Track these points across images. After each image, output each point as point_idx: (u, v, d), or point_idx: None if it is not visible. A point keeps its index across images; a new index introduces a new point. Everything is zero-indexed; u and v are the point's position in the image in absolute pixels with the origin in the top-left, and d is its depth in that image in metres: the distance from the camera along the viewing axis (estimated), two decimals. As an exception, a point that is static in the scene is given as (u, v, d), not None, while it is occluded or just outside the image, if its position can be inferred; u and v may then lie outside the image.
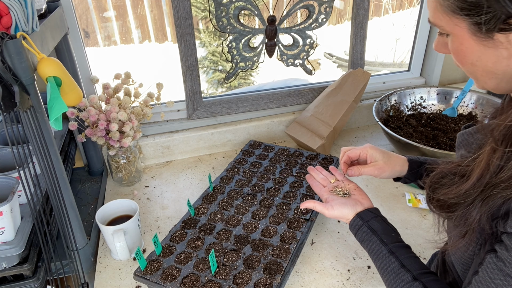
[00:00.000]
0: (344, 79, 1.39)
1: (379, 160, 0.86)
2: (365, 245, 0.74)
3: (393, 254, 0.68)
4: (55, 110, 0.68)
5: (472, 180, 0.52)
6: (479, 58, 0.52)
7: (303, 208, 0.84)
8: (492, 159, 0.49)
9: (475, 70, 0.54)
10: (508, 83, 0.53)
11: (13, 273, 0.80)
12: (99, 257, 1.00)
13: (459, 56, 0.55)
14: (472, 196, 0.52)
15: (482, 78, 0.55)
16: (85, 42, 1.24)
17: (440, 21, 0.54)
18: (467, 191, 0.52)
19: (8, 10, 0.67)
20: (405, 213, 1.09)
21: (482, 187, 0.51)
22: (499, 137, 0.49)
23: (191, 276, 0.84)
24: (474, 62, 0.53)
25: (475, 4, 0.48)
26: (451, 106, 1.46)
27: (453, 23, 0.52)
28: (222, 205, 1.05)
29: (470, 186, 0.52)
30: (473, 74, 0.56)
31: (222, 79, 3.61)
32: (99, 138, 1.11)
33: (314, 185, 0.89)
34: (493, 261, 0.52)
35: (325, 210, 0.80)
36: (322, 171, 0.93)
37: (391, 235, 0.72)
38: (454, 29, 0.52)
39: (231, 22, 1.28)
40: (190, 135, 1.37)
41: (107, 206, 1.01)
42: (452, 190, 0.55)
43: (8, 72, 0.65)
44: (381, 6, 4.39)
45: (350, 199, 0.80)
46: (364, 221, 0.75)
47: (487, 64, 0.52)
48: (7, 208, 0.75)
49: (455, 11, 0.50)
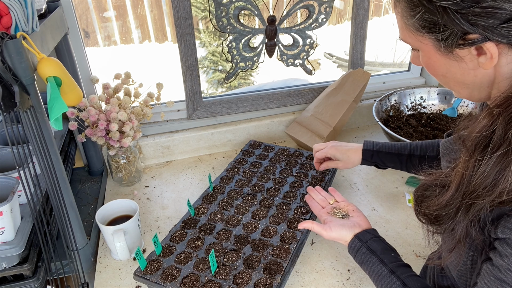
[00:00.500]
0: (344, 79, 1.39)
1: (339, 159, 1.04)
2: (365, 266, 0.74)
3: (394, 274, 0.68)
4: (55, 110, 0.68)
5: (452, 190, 0.52)
6: (448, 71, 0.55)
7: (301, 228, 0.86)
8: (466, 168, 0.50)
9: (447, 81, 0.57)
10: (481, 92, 0.55)
11: (13, 273, 0.80)
12: (99, 257, 1.00)
13: (430, 69, 0.58)
14: (454, 206, 0.52)
15: (455, 88, 0.58)
16: (85, 42, 1.24)
17: (407, 39, 0.57)
18: (449, 202, 0.53)
19: (8, 10, 0.67)
20: (405, 213, 1.09)
21: (461, 197, 0.51)
22: (471, 147, 0.50)
23: (191, 276, 0.84)
24: (445, 74, 0.56)
25: (434, 23, 0.50)
26: (451, 106, 1.46)
27: (418, 41, 0.55)
28: (222, 205, 1.05)
29: (450, 197, 0.53)
30: (447, 84, 0.58)
31: (222, 79, 3.61)
32: (99, 138, 1.11)
33: (313, 206, 0.92)
34: (490, 270, 0.52)
35: (323, 232, 0.81)
36: (321, 192, 0.95)
37: (391, 255, 0.72)
38: (421, 46, 0.55)
39: (231, 22, 1.28)
40: (190, 135, 1.37)
41: (107, 206, 1.01)
42: (435, 202, 0.55)
43: (8, 72, 0.65)
44: (381, 6, 4.39)
45: (349, 221, 0.81)
46: (362, 242, 0.75)
47: (456, 76, 0.54)
48: (7, 208, 0.75)
49: (419, 30, 0.53)
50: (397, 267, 0.69)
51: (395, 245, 0.98)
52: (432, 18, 0.50)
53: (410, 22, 0.54)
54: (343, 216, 0.84)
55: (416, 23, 0.53)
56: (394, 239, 1.01)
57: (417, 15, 0.52)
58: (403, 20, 0.55)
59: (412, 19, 0.53)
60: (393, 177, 1.24)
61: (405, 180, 1.22)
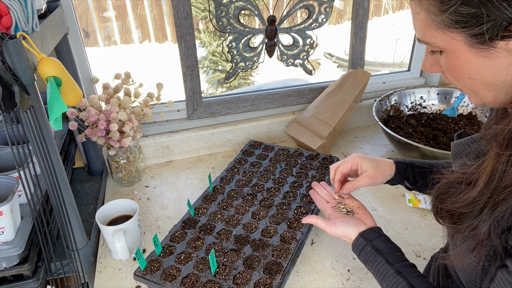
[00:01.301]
0: (344, 79, 1.39)
1: (369, 169, 0.85)
2: (369, 265, 0.73)
3: (400, 274, 0.67)
4: (55, 110, 0.68)
5: (479, 187, 0.50)
6: (477, 71, 0.51)
7: (305, 222, 0.83)
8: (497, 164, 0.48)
9: (473, 84, 0.53)
10: (508, 94, 0.52)
11: (13, 273, 0.80)
12: (99, 257, 1.00)
13: (456, 71, 0.53)
14: (480, 204, 0.51)
15: (481, 92, 0.53)
16: (85, 42, 1.24)
17: (432, 38, 0.52)
18: (476, 198, 0.51)
19: (8, 10, 0.67)
20: (405, 213, 1.09)
21: (490, 193, 0.49)
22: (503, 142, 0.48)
23: (191, 276, 0.84)
24: (472, 76, 0.52)
25: (472, 15, 0.46)
26: (451, 106, 1.46)
27: (448, 38, 0.50)
28: (222, 205, 1.05)
29: (478, 193, 0.51)
30: (471, 88, 0.54)
31: (222, 79, 3.61)
32: (99, 138, 1.11)
33: (317, 200, 0.89)
34: (505, 277, 0.51)
35: (328, 228, 0.79)
36: (326, 187, 0.93)
37: (396, 255, 0.71)
38: (449, 45, 0.51)
39: (231, 22, 1.28)
40: (190, 135, 1.37)
41: (107, 206, 1.01)
42: (460, 199, 0.53)
43: (8, 72, 0.65)
44: (381, 6, 4.39)
45: (354, 218, 0.79)
46: (367, 241, 0.74)
47: (485, 76, 0.51)
48: (7, 208, 0.75)
49: (450, 25, 0.49)
50: (403, 267, 0.68)
51: (395, 245, 0.99)
52: (469, 10, 0.46)
53: (440, 18, 0.49)
54: (348, 212, 0.82)
55: (447, 18, 0.48)
56: (394, 239, 1.00)
57: (450, 9, 0.47)
58: (429, 17, 0.50)
59: (443, 14, 0.48)
60: (393, 177, 1.24)
61: (405, 180, 1.22)
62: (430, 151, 1.11)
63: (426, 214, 1.09)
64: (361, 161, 0.86)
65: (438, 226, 0.62)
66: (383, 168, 0.85)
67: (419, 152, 1.16)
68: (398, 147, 1.27)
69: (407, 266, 0.69)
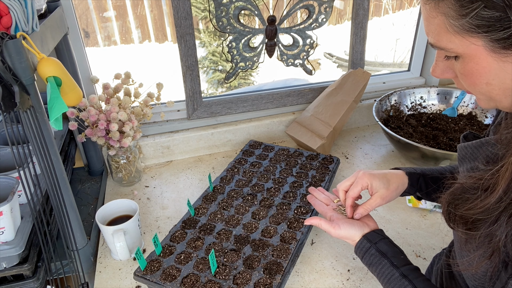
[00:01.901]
0: (344, 79, 1.39)
1: (381, 189, 0.79)
2: (373, 268, 0.72)
3: (406, 277, 0.67)
4: (55, 110, 0.68)
5: (498, 193, 0.49)
6: (496, 76, 0.48)
7: (308, 224, 0.82)
8: None
9: (490, 89, 0.50)
10: None
11: (13, 273, 0.80)
12: (99, 257, 1.00)
13: (473, 77, 0.50)
14: (498, 211, 0.49)
15: (497, 97, 0.51)
16: (85, 42, 1.24)
17: (449, 44, 0.49)
18: (493, 205, 0.49)
19: (8, 10, 0.67)
20: (405, 213, 1.09)
21: (509, 200, 0.48)
22: None
23: (191, 276, 0.84)
24: (490, 81, 0.49)
25: (497, 19, 0.44)
26: (451, 106, 1.46)
27: (467, 43, 0.47)
28: (222, 205, 1.05)
29: (497, 199, 0.49)
30: (487, 94, 0.51)
31: (222, 79, 3.61)
32: (99, 138, 1.11)
33: (316, 204, 0.88)
34: None
35: (332, 229, 0.77)
36: (324, 192, 0.92)
37: (401, 258, 0.71)
38: (468, 50, 0.48)
39: (231, 22, 1.28)
40: (190, 135, 1.37)
41: (107, 206, 1.01)
42: (477, 205, 0.51)
43: (8, 72, 0.65)
44: (381, 6, 4.39)
45: (357, 221, 0.78)
46: (372, 243, 0.73)
47: (505, 81, 0.48)
48: (7, 208, 0.75)
49: (471, 30, 0.46)
50: (408, 271, 0.68)
51: (395, 245, 0.99)
52: (493, 14, 0.43)
53: (460, 23, 0.46)
54: None
55: (468, 22, 0.45)
56: (394, 239, 1.00)
57: (471, 13, 0.45)
58: (447, 21, 0.48)
59: (464, 18, 0.46)
60: (393, 177, 1.24)
61: (405, 180, 1.22)
62: (430, 151, 1.11)
63: (426, 214, 1.09)
64: (371, 181, 0.79)
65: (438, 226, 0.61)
66: (395, 185, 0.81)
67: (419, 152, 1.16)
68: (398, 147, 1.27)
69: (412, 270, 0.68)
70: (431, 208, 1.09)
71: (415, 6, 4.24)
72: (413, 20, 1.57)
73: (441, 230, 1.02)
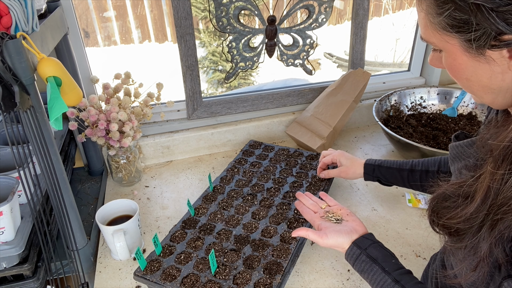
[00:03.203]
0: (344, 79, 1.39)
1: (344, 165, 1.06)
2: (365, 275, 0.71)
3: (398, 283, 0.66)
4: (55, 110, 0.68)
5: (477, 202, 0.49)
6: (473, 73, 0.51)
7: (295, 235, 0.81)
8: (493, 180, 0.47)
9: (470, 85, 0.54)
10: (505, 98, 0.52)
11: (13, 273, 0.80)
12: (99, 257, 1.00)
13: (453, 71, 0.54)
14: (478, 220, 0.49)
15: (478, 93, 0.54)
16: (85, 42, 1.24)
17: (431, 38, 0.53)
18: (473, 214, 0.50)
19: (8, 10, 0.67)
20: (405, 213, 1.09)
21: (487, 210, 0.48)
22: (499, 158, 0.47)
23: (191, 276, 0.84)
24: (469, 77, 0.52)
25: (464, 21, 0.47)
26: (451, 106, 1.46)
27: (444, 40, 0.51)
28: (222, 205, 1.05)
29: (475, 209, 0.49)
30: (469, 88, 0.55)
31: (222, 79, 3.61)
32: (99, 138, 1.11)
33: (304, 211, 0.87)
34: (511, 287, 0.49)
35: (319, 239, 0.77)
36: (311, 197, 0.92)
37: (392, 262, 0.70)
38: (446, 46, 0.52)
39: (231, 22, 1.28)
40: (190, 135, 1.37)
41: (107, 206, 1.01)
42: (457, 214, 0.52)
43: (8, 72, 0.65)
44: (381, 6, 4.39)
45: (345, 227, 0.77)
46: (361, 249, 0.72)
47: (481, 79, 0.51)
48: (7, 208, 0.75)
49: (445, 29, 0.49)
50: (400, 275, 0.67)
51: (395, 245, 0.98)
52: (462, 16, 0.46)
53: (436, 21, 0.50)
54: (337, 220, 0.81)
55: (443, 21, 0.49)
56: (394, 239, 1.01)
57: (445, 13, 0.48)
58: (427, 18, 0.51)
59: (439, 17, 0.49)
60: (393, 177, 1.24)
61: (405, 180, 1.22)
62: (430, 151, 1.11)
63: (426, 214, 1.09)
64: (340, 157, 1.08)
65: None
66: (355, 167, 1.05)
67: (419, 152, 1.16)
68: (398, 147, 1.27)
69: (404, 274, 0.68)
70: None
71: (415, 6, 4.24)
72: (413, 20, 1.58)
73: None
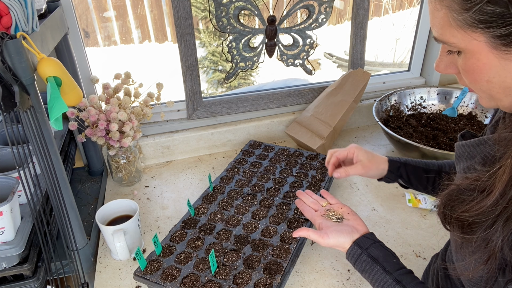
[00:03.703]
0: (344, 79, 1.39)
1: (364, 159, 0.88)
2: (366, 275, 0.71)
3: (400, 283, 0.66)
4: (55, 110, 0.68)
5: (495, 196, 0.48)
6: (497, 74, 0.48)
7: (296, 236, 0.80)
8: None
9: (490, 87, 0.50)
10: None
11: (13, 273, 0.80)
12: (99, 257, 1.00)
13: (474, 74, 0.50)
14: (494, 214, 0.48)
15: (497, 96, 0.50)
16: (85, 42, 1.24)
17: (452, 38, 0.49)
18: (489, 208, 0.49)
19: (8, 10, 0.67)
20: (405, 213, 1.09)
21: (506, 203, 0.47)
22: None
23: (191, 276, 0.84)
24: (491, 79, 0.49)
25: (498, 15, 0.43)
26: (451, 106, 1.46)
27: (469, 38, 0.47)
28: (222, 205, 1.05)
29: (493, 202, 0.48)
30: (488, 91, 0.51)
31: (222, 79, 3.61)
32: (99, 138, 1.11)
33: (305, 210, 0.85)
34: None
35: (320, 239, 0.75)
36: (312, 195, 0.89)
37: (393, 262, 0.70)
38: (470, 45, 0.48)
39: (231, 22, 1.28)
40: (190, 135, 1.37)
41: (107, 206, 1.01)
42: (473, 207, 0.50)
43: (8, 72, 0.65)
44: (381, 6, 4.39)
45: (346, 226, 0.77)
46: (362, 249, 0.72)
47: (505, 80, 0.48)
48: (7, 208, 0.75)
49: (473, 25, 0.46)
50: (401, 275, 0.67)
51: (395, 245, 0.98)
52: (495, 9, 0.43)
53: (462, 17, 0.46)
54: (338, 219, 0.80)
55: (471, 17, 0.45)
56: (394, 239, 1.01)
57: (474, 8, 0.45)
58: (450, 15, 0.47)
59: (466, 12, 0.45)
60: (393, 177, 1.24)
61: (405, 180, 1.22)
62: (430, 151, 1.11)
63: (426, 214, 1.09)
64: (357, 150, 0.90)
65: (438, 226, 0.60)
66: (378, 162, 0.89)
67: (419, 152, 1.16)
68: (398, 147, 1.27)
69: (406, 274, 0.68)
70: (431, 208, 1.09)
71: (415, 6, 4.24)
72: (413, 20, 1.57)
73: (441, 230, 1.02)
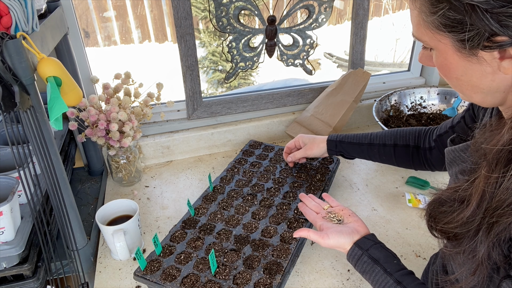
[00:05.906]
0: (344, 79, 1.39)
1: (307, 142, 1.10)
2: (367, 276, 0.71)
3: (400, 284, 0.66)
4: (55, 110, 0.68)
5: (472, 206, 0.49)
6: (464, 73, 0.52)
7: (296, 236, 0.81)
8: (488, 183, 0.47)
9: (460, 84, 0.54)
10: (494, 98, 0.52)
11: (13, 273, 0.80)
12: (99, 257, 1.00)
13: (444, 70, 0.54)
14: (475, 224, 0.49)
15: (467, 92, 0.54)
16: (85, 42, 1.24)
17: (423, 36, 0.53)
18: (469, 218, 0.50)
19: (8, 10, 0.67)
20: (405, 213, 1.09)
21: (483, 214, 0.48)
22: (492, 162, 0.47)
23: (191, 276, 0.84)
24: (459, 77, 0.53)
25: (458, 21, 0.47)
26: (451, 106, 1.46)
27: (436, 39, 0.51)
28: (222, 205, 1.05)
29: (471, 213, 0.49)
30: (459, 88, 0.55)
31: (222, 79, 3.61)
32: (99, 138, 1.11)
33: (307, 213, 0.88)
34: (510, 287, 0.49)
35: (320, 239, 0.77)
36: (314, 199, 0.92)
37: (393, 263, 0.70)
38: (438, 45, 0.52)
39: (231, 22, 1.28)
40: (190, 135, 1.37)
41: (107, 206, 1.01)
42: (454, 218, 0.52)
43: (8, 72, 0.65)
44: (381, 6, 4.39)
45: (347, 227, 0.77)
46: (363, 250, 0.72)
47: (471, 79, 0.51)
48: (7, 208, 0.75)
49: (438, 28, 0.50)
50: (402, 276, 0.67)
51: (395, 245, 0.98)
52: (456, 16, 0.47)
53: (430, 19, 0.50)
54: (339, 221, 0.81)
55: (436, 20, 0.49)
56: (394, 239, 1.01)
57: (439, 12, 0.48)
58: (421, 16, 0.51)
59: (433, 16, 0.49)
60: (393, 177, 1.24)
61: (405, 180, 1.22)
62: (430, 151, 1.11)
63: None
64: (301, 138, 1.12)
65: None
66: (317, 142, 1.07)
67: (419, 152, 1.16)
68: (398, 147, 1.27)
69: (406, 275, 0.68)
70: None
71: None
72: (413, 20, 1.57)
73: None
